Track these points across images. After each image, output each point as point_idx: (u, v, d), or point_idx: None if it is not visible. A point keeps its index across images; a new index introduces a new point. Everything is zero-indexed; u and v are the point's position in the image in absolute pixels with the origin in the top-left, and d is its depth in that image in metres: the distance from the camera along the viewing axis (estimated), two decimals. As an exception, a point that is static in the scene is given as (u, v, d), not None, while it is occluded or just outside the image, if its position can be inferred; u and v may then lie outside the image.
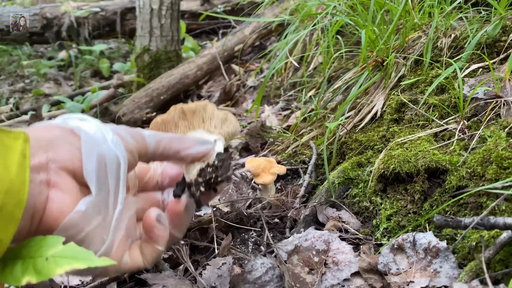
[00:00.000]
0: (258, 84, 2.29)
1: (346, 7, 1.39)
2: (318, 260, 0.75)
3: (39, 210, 0.47)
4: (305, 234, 0.81)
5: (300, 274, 0.72)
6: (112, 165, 0.51)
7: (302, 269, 0.73)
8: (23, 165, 0.44)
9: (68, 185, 0.49)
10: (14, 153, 0.44)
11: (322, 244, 0.77)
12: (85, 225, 0.49)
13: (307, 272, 0.72)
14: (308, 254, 0.76)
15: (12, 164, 0.43)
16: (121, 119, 2.30)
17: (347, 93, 1.29)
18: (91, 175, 0.50)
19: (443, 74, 0.95)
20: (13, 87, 3.55)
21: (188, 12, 4.01)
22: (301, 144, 1.23)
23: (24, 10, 4.12)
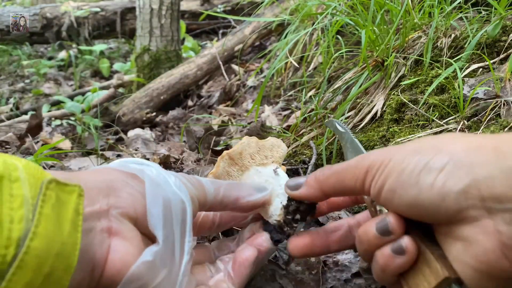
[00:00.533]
0: (258, 84, 2.29)
1: (346, 7, 1.39)
2: (317, 260, 0.75)
3: (100, 262, 0.42)
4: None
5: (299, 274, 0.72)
6: (177, 210, 0.47)
7: (302, 269, 0.73)
8: (76, 223, 0.40)
9: (131, 233, 0.45)
10: (68, 210, 0.39)
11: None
12: (151, 278, 0.44)
13: (307, 272, 0.72)
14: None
15: (65, 222, 0.38)
16: (121, 119, 2.30)
17: (347, 93, 1.29)
18: (157, 221, 0.45)
19: (443, 74, 0.95)
20: (13, 87, 3.55)
21: (188, 12, 4.01)
22: (301, 144, 1.23)
23: (24, 10, 4.12)
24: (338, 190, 0.48)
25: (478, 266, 0.38)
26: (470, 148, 0.39)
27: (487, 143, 0.39)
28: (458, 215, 0.39)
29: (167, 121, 2.26)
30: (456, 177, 0.38)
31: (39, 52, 4.60)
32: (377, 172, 0.43)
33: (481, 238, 0.38)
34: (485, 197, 0.37)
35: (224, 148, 1.43)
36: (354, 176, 0.46)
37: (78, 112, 2.29)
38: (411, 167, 0.41)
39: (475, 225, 0.38)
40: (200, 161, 1.36)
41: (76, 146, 1.79)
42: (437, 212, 0.40)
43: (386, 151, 0.45)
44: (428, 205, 0.40)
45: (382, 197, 0.43)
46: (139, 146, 1.72)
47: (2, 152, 1.67)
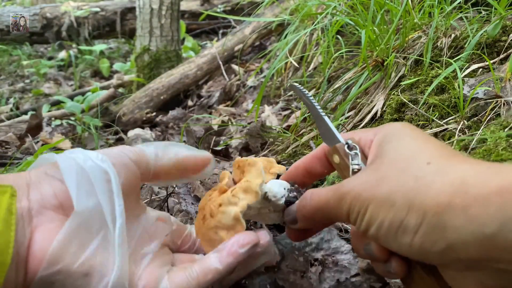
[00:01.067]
0: (258, 84, 2.29)
1: (346, 7, 1.39)
2: (305, 259, 0.75)
3: (23, 257, 0.42)
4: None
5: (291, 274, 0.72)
6: (99, 180, 0.46)
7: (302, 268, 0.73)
8: (9, 222, 0.40)
9: (53, 223, 0.44)
10: (1, 210, 0.40)
11: (322, 243, 0.77)
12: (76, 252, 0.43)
13: (299, 273, 0.72)
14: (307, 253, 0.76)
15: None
16: (121, 119, 2.30)
17: (347, 93, 1.29)
18: (72, 192, 0.45)
19: (443, 74, 0.95)
20: (13, 87, 3.55)
21: (188, 12, 4.01)
22: (301, 144, 1.23)
23: (24, 10, 4.12)
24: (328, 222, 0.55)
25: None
26: (441, 207, 0.39)
27: (456, 200, 0.38)
28: (441, 266, 0.42)
29: (167, 121, 2.26)
30: (432, 240, 0.39)
31: (39, 52, 4.60)
32: (358, 218, 0.45)
33: (468, 283, 0.40)
34: (462, 259, 0.38)
35: (224, 148, 1.43)
36: (337, 216, 0.48)
37: (78, 112, 2.29)
38: (387, 224, 0.42)
39: (459, 274, 0.40)
40: (200, 161, 1.36)
41: (76, 146, 1.79)
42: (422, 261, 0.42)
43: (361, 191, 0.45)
44: (412, 256, 0.42)
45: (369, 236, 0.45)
46: (139, 146, 1.72)
47: (2, 152, 1.67)
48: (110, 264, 0.45)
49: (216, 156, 1.39)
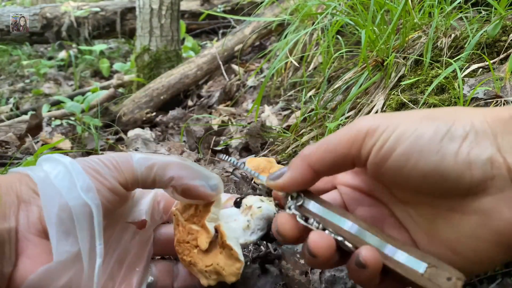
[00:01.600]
0: (258, 84, 2.29)
1: (346, 7, 1.39)
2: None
3: (5, 278, 0.44)
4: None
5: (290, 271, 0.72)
6: (81, 216, 0.45)
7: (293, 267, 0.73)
8: None
9: (36, 249, 0.45)
10: None
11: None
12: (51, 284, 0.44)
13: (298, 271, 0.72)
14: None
15: None
16: (121, 119, 2.30)
17: (347, 93, 1.29)
18: (52, 235, 0.45)
19: (443, 74, 0.95)
20: (13, 87, 3.55)
21: (188, 12, 4.01)
22: (301, 144, 1.23)
23: (24, 10, 4.12)
24: (327, 161, 0.42)
25: (498, 239, 0.37)
26: (488, 118, 0.38)
27: (504, 113, 0.38)
28: (482, 184, 0.37)
29: (167, 121, 2.26)
30: (481, 146, 0.37)
31: (39, 52, 4.60)
32: (382, 136, 0.39)
33: (505, 209, 0.37)
34: (511, 167, 0.36)
35: (224, 148, 1.43)
36: (349, 140, 0.41)
37: (78, 112, 2.29)
38: (430, 134, 0.38)
39: (498, 196, 0.37)
40: (200, 161, 1.36)
41: (76, 146, 1.79)
42: (459, 182, 0.38)
43: (388, 116, 0.41)
44: (450, 174, 0.38)
45: (386, 165, 0.40)
46: (139, 146, 1.72)
47: (2, 152, 1.67)
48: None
49: (216, 156, 1.39)
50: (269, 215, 0.55)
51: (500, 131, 0.37)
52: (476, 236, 0.38)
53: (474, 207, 0.38)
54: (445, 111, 0.41)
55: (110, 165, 0.48)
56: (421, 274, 0.40)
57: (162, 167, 0.50)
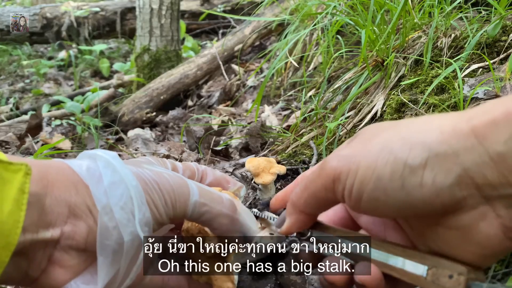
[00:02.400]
0: (258, 84, 2.29)
1: (346, 7, 1.39)
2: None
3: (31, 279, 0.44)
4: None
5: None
6: (130, 249, 0.45)
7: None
8: (20, 202, 0.40)
9: (71, 262, 0.45)
10: (11, 189, 0.39)
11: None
12: None
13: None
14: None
15: (7, 201, 0.39)
16: (121, 119, 2.30)
17: (347, 93, 1.29)
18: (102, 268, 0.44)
19: (443, 74, 0.95)
20: (13, 87, 3.55)
21: (188, 12, 4.01)
22: (301, 144, 1.23)
23: (24, 10, 4.12)
24: (314, 206, 0.45)
25: (481, 252, 0.38)
26: (446, 135, 0.37)
27: (462, 126, 0.36)
28: (454, 206, 0.37)
29: (167, 121, 2.26)
30: (444, 170, 0.36)
31: (39, 52, 4.60)
32: (347, 181, 0.40)
33: (482, 225, 0.37)
34: (479, 185, 0.36)
35: (224, 148, 1.43)
36: (322, 187, 0.43)
37: (78, 112, 2.29)
38: (389, 171, 0.38)
39: (473, 213, 0.37)
40: (200, 161, 1.36)
41: (76, 146, 1.79)
42: (431, 208, 0.38)
43: (349, 155, 0.41)
44: (420, 204, 0.38)
45: (362, 206, 0.41)
46: (139, 146, 1.72)
47: (2, 152, 1.67)
48: None
49: (216, 156, 1.39)
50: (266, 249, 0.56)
51: (462, 149, 0.36)
52: (462, 248, 0.39)
53: (454, 223, 0.39)
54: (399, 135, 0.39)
55: (168, 200, 0.47)
56: (424, 278, 0.40)
57: (211, 218, 0.50)
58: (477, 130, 0.35)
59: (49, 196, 0.42)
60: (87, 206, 0.45)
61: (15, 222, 0.39)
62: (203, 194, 0.49)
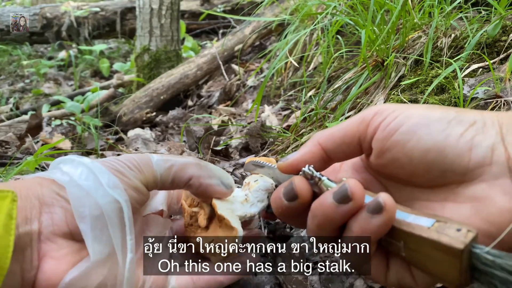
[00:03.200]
0: (258, 84, 2.29)
1: (346, 7, 1.39)
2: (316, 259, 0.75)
3: (29, 284, 0.43)
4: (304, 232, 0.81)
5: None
6: (111, 212, 0.45)
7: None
8: (8, 227, 0.41)
9: (61, 251, 0.44)
10: (1, 215, 0.41)
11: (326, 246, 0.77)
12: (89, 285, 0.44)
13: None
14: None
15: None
16: (121, 119, 2.30)
17: (347, 93, 1.29)
18: (86, 234, 0.45)
19: (443, 74, 0.95)
20: (13, 87, 3.55)
21: (188, 12, 4.01)
22: (301, 144, 1.23)
23: (24, 10, 4.12)
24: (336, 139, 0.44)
25: (488, 228, 0.37)
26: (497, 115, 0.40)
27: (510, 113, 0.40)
28: (478, 169, 0.38)
29: (167, 121, 2.26)
30: (486, 134, 0.38)
31: (39, 52, 4.60)
32: (390, 115, 0.41)
33: (498, 197, 0.37)
34: (510, 156, 0.37)
35: (224, 148, 1.43)
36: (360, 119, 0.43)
37: (78, 112, 2.30)
38: (439, 115, 0.40)
39: (492, 183, 0.38)
40: (200, 161, 1.36)
41: (76, 146, 1.79)
42: (457, 162, 0.38)
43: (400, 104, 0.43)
44: (450, 152, 0.38)
45: (391, 140, 0.41)
46: (139, 146, 1.72)
47: (2, 152, 1.67)
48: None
49: (216, 156, 1.39)
50: (267, 186, 0.56)
51: (506, 124, 0.39)
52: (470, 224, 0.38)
53: (467, 195, 0.39)
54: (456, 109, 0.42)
55: (131, 165, 0.49)
56: (427, 228, 0.38)
57: (181, 168, 0.51)
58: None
59: (18, 198, 0.43)
60: (55, 193, 0.46)
61: (5, 246, 0.40)
62: (163, 156, 0.52)
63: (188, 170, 0.51)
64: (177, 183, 0.51)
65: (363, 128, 0.43)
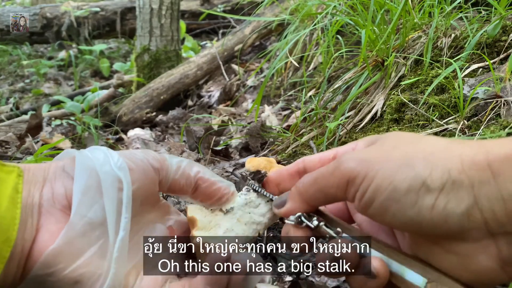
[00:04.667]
0: (258, 84, 2.29)
1: (346, 7, 1.39)
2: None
3: (25, 253, 0.44)
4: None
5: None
6: (110, 187, 0.46)
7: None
8: (15, 200, 0.43)
9: (58, 224, 0.45)
10: (7, 188, 0.43)
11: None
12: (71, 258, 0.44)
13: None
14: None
15: (4, 198, 0.42)
16: (121, 119, 2.30)
17: (347, 93, 1.29)
18: (75, 199, 0.45)
19: (443, 73, 0.95)
20: (13, 87, 3.55)
21: (188, 12, 4.01)
22: (301, 144, 1.23)
23: (24, 10, 4.12)
24: (320, 199, 0.46)
25: (474, 279, 0.39)
26: (465, 165, 0.38)
27: (480, 158, 0.38)
28: (459, 235, 0.38)
29: (167, 121, 2.26)
30: (458, 198, 0.37)
31: (39, 52, 4.60)
32: (362, 185, 0.41)
33: (482, 257, 0.38)
34: (487, 220, 0.37)
35: (224, 148, 1.43)
36: (334, 185, 0.43)
37: (78, 112, 2.29)
38: (406, 186, 0.39)
39: (476, 244, 0.38)
40: (200, 161, 1.36)
41: (76, 146, 1.79)
42: (437, 231, 0.39)
43: (368, 159, 0.42)
44: (427, 225, 0.39)
45: (369, 212, 0.41)
46: (139, 146, 1.72)
47: (2, 152, 1.67)
48: (103, 274, 0.45)
49: (216, 156, 1.39)
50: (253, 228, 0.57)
51: (477, 182, 0.37)
52: (458, 271, 0.40)
53: (454, 249, 0.39)
54: (422, 154, 0.40)
55: (144, 153, 0.51)
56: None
57: (189, 164, 0.53)
58: (493, 165, 0.37)
59: (26, 173, 0.45)
60: (61, 169, 0.48)
61: (12, 218, 0.42)
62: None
63: (195, 166, 0.53)
64: (187, 178, 0.52)
65: (341, 194, 0.43)
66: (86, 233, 0.45)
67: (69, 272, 0.43)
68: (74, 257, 0.44)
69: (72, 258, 0.44)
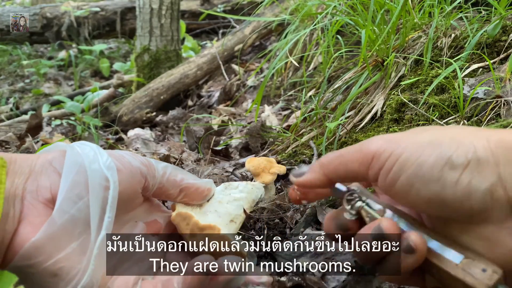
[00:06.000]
0: (258, 84, 2.29)
1: (346, 7, 1.39)
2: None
3: (5, 245, 0.44)
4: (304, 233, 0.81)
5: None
6: (97, 185, 0.46)
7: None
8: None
9: (40, 217, 0.45)
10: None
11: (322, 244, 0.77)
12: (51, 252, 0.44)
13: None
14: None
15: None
16: (121, 118, 2.30)
17: (347, 93, 1.29)
18: (60, 194, 0.45)
19: (443, 73, 0.95)
20: (13, 87, 3.55)
21: (188, 12, 4.01)
22: (301, 144, 1.23)
23: (24, 10, 4.12)
24: (341, 173, 0.46)
25: (504, 265, 0.38)
26: (492, 144, 0.38)
27: (507, 138, 0.38)
28: (482, 214, 0.38)
29: (167, 121, 2.26)
30: (482, 175, 0.37)
31: (39, 52, 4.60)
32: (387, 162, 0.41)
33: (508, 239, 0.38)
34: (511, 198, 0.37)
35: (224, 148, 1.43)
36: (358, 160, 0.43)
37: (78, 112, 2.29)
38: (431, 161, 0.39)
39: (499, 226, 0.38)
40: (200, 161, 1.36)
41: (76, 146, 1.78)
42: (460, 210, 0.39)
43: (395, 138, 0.42)
44: (451, 202, 0.39)
45: (394, 189, 0.41)
46: (139, 146, 1.72)
47: (2, 152, 1.67)
48: (82, 270, 0.45)
49: (216, 156, 1.39)
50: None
51: (502, 159, 0.37)
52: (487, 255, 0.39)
53: (479, 233, 0.39)
54: (449, 135, 0.41)
55: (133, 156, 0.52)
56: (455, 264, 0.40)
57: (174, 169, 0.55)
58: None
59: (10, 165, 0.45)
60: (48, 162, 0.48)
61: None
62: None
63: (180, 173, 0.55)
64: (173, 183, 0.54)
65: (364, 170, 0.43)
66: (68, 228, 0.45)
67: (48, 265, 0.44)
68: (54, 251, 0.44)
69: (52, 251, 0.44)
